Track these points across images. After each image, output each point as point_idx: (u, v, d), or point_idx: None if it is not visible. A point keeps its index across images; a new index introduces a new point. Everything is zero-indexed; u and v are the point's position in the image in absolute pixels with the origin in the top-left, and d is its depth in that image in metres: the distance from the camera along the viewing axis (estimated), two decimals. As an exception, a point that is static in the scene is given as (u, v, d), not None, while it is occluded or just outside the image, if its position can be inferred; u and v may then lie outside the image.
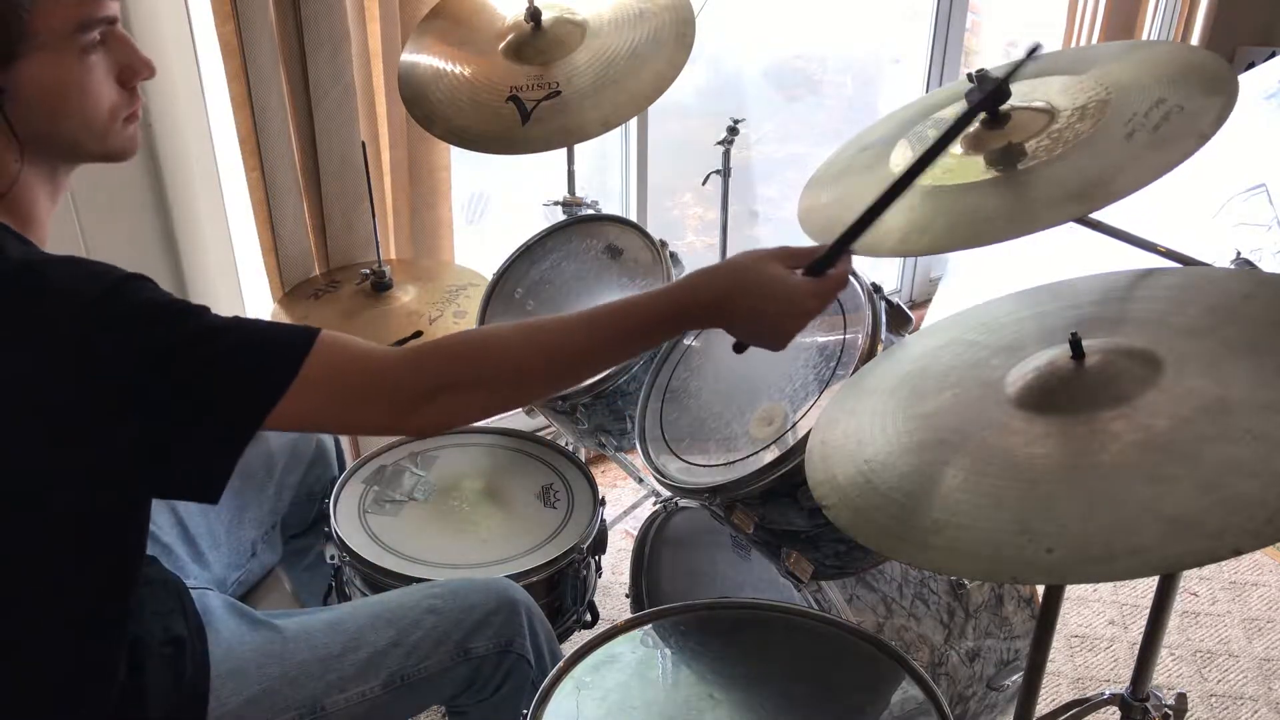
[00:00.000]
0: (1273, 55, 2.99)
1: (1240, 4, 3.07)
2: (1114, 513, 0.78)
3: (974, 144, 1.15)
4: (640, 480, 2.10)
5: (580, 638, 1.34)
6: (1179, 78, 1.08)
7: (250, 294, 1.95)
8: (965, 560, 0.83)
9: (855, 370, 1.26)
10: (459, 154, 1.95)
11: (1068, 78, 1.18)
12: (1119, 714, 1.24)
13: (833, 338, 1.35)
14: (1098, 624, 2.05)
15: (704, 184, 2.01)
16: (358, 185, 1.83)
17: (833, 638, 1.24)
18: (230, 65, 1.68)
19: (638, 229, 1.78)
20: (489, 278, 1.84)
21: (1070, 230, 1.06)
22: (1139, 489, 0.79)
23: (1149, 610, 1.17)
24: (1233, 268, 1.08)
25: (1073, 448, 0.86)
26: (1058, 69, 1.21)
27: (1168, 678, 1.92)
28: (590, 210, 1.92)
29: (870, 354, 1.27)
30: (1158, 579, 1.16)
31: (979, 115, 1.07)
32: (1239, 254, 1.14)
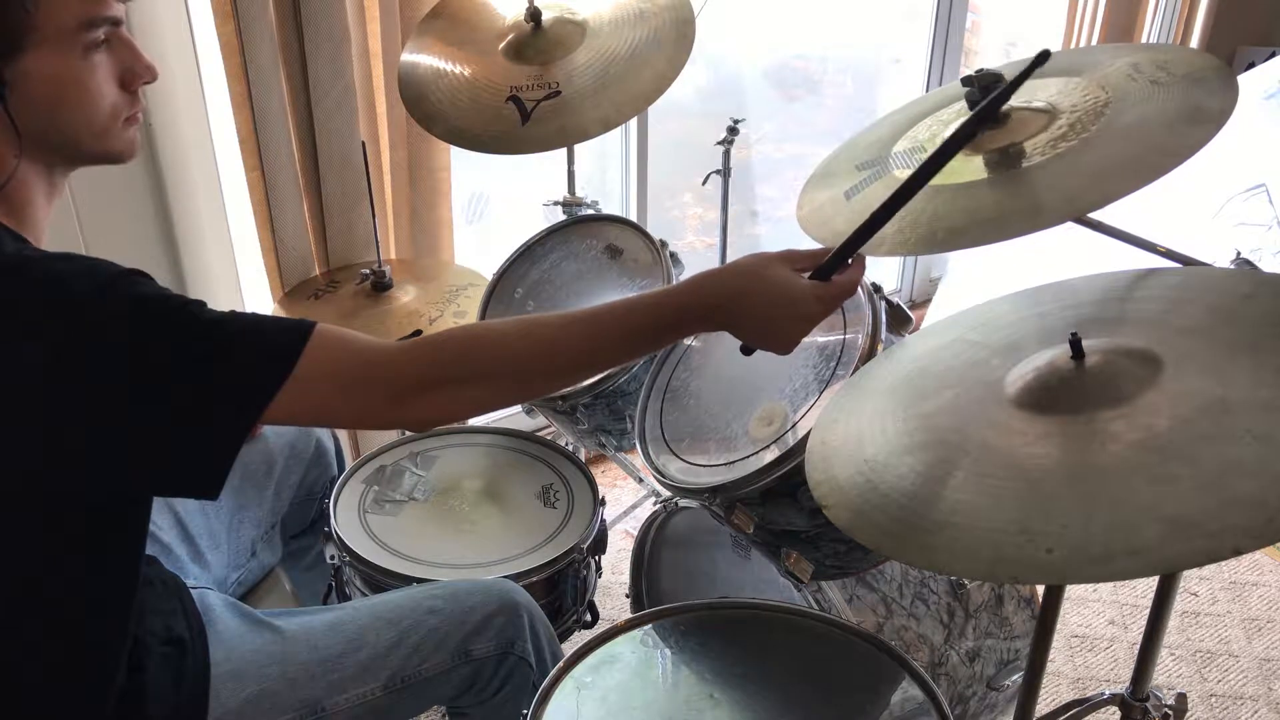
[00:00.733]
0: (1273, 55, 2.99)
1: (1240, 4, 3.07)
2: (1114, 513, 0.78)
3: (974, 144, 1.15)
4: (640, 480, 2.10)
5: (580, 638, 1.34)
6: (1180, 78, 1.08)
7: (250, 294, 1.95)
8: (965, 560, 0.83)
9: (855, 370, 1.26)
10: (459, 154, 1.95)
11: (1067, 78, 1.18)
12: (1119, 714, 1.24)
13: (833, 338, 1.35)
14: (1098, 624, 2.05)
15: (704, 184, 2.01)
16: (358, 185, 1.83)
17: (833, 638, 1.23)
18: (230, 65, 1.68)
19: (638, 229, 1.78)
20: (489, 278, 1.84)
21: (1070, 230, 1.06)
22: (1139, 489, 0.79)
23: (1149, 610, 1.17)
24: (1233, 268, 1.08)
25: (1073, 448, 0.86)
26: (1057, 70, 1.21)
27: (1168, 678, 1.92)
28: (590, 210, 1.92)
29: (870, 354, 1.27)
30: (1158, 579, 1.16)
31: (987, 120, 1.07)
32: (1239, 254, 1.14)
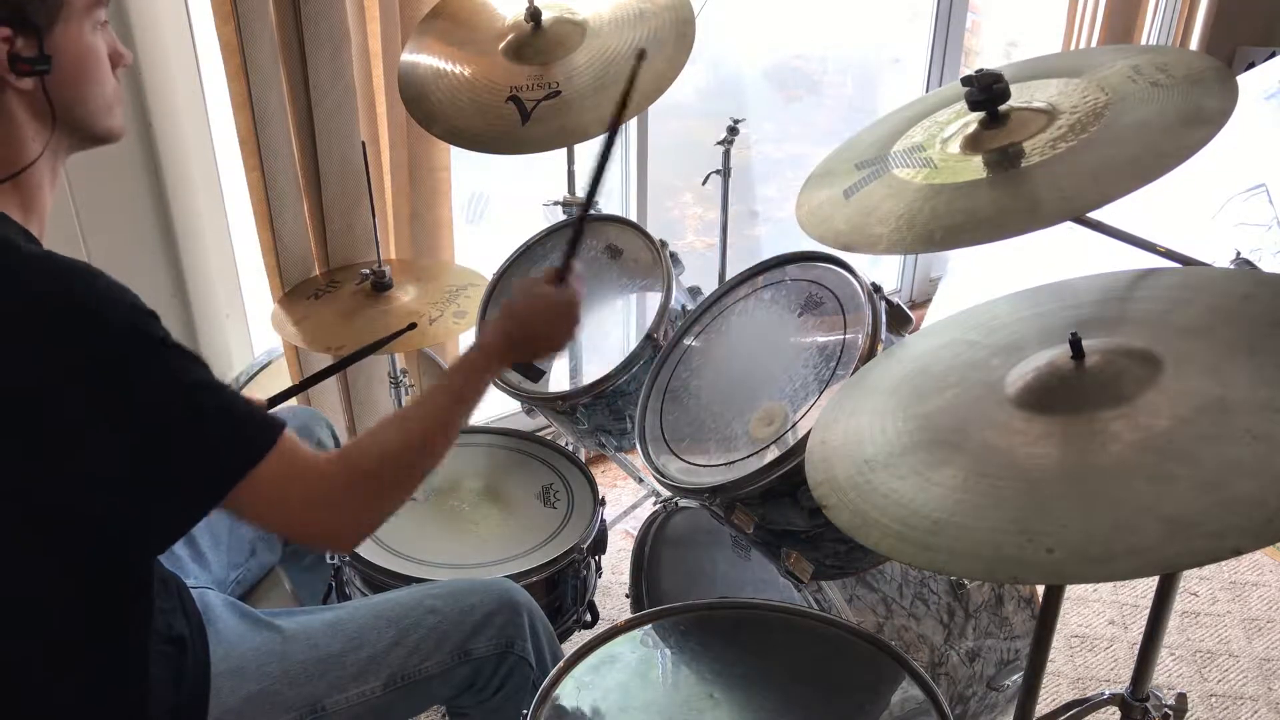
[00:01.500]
0: (1273, 55, 2.99)
1: (1240, 4, 3.07)
2: (1114, 513, 0.78)
3: (974, 144, 1.15)
4: (640, 480, 2.10)
5: (580, 638, 1.34)
6: (1180, 79, 1.08)
7: (250, 294, 1.95)
8: (965, 560, 0.83)
9: (855, 370, 1.26)
10: (459, 154, 1.95)
11: (1067, 79, 1.18)
12: (1119, 714, 1.24)
13: (833, 338, 1.35)
14: (1098, 624, 2.05)
15: (704, 184, 2.01)
16: (358, 185, 1.83)
17: (833, 638, 1.24)
18: (230, 65, 1.68)
19: (638, 229, 1.78)
20: (489, 278, 1.84)
21: (1070, 230, 1.06)
22: (1139, 489, 0.79)
23: (1149, 610, 1.17)
24: (1233, 268, 1.08)
25: (1073, 448, 0.86)
26: (1058, 71, 1.21)
27: (1168, 678, 1.92)
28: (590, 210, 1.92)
29: (870, 354, 1.27)
30: (1158, 579, 1.16)
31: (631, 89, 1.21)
32: (1239, 254, 1.14)
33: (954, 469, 0.90)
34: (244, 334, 1.98)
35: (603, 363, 1.66)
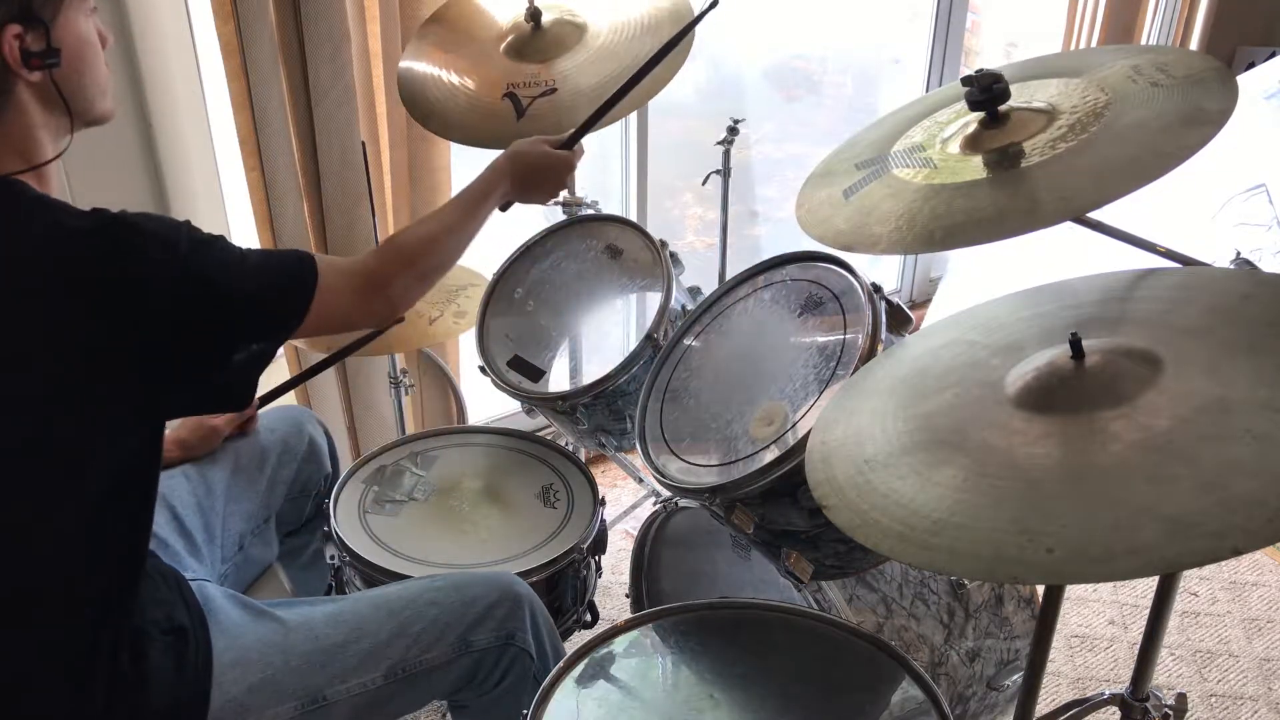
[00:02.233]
0: (1273, 55, 2.99)
1: (1240, 4, 3.07)
2: (1114, 513, 0.78)
3: (974, 144, 1.15)
4: (640, 480, 2.10)
5: (580, 638, 1.34)
6: (1181, 79, 1.08)
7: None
8: (965, 560, 0.83)
9: (855, 370, 1.26)
10: (459, 154, 1.95)
11: (1067, 80, 1.18)
12: (1119, 714, 1.24)
13: (833, 338, 1.35)
14: (1098, 624, 2.05)
15: (704, 184, 2.01)
16: (358, 185, 1.83)
17: (833, 638, 1.24)
18: (230, 65, 1.68)
19: (638, 229, 1.78)
20: (489, 278, 1.84)
21: (1070, 230, 1.06)
22: (1139, 489, 0.79)
23: (1149, 610, 1.17)
24: (1233, 268, 1.08)
25: (1073, 448, 0.86)
26: (1058, 71, 1.21)
27: (1168, 678, 1.92)
28: (590, 210, 1.92)
29: (870, 354, 1.27)
30: (1158, 579, 1.16)
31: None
32: (1239, 254, 1.14)
33: (954, 469, 0.90)
34: (244, 334, 1.98)
35: (603, 363, 1.66)
